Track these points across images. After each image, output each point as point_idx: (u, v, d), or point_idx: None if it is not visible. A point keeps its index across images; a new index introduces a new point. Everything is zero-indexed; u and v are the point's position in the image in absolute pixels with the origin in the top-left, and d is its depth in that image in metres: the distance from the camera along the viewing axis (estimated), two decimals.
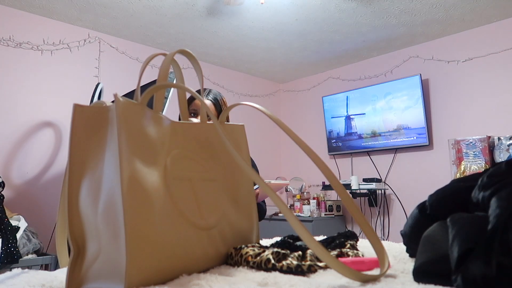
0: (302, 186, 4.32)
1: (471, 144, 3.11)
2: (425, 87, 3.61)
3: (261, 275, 0.59)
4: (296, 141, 0.67)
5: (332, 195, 4.21)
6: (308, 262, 0.62)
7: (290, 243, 0.72)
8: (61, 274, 0.60)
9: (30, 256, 2.47)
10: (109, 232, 0.51)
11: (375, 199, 3.86)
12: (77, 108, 0.56)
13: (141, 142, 0.57)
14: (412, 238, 0.70)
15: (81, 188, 0.55)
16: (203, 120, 0.74)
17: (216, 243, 0.65)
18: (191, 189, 0.64)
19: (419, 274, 0.53)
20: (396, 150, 3.81)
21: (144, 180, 0.54)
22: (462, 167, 3.14)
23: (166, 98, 2.51)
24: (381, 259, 0.60)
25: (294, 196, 4.23)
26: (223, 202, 0.69)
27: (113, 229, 0.51)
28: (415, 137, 3.61)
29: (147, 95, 0.62)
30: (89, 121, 0.56)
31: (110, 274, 0.51)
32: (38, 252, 2.53)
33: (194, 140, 0.70)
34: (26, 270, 0.63)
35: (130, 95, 2.75)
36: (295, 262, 0.61)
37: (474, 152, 3.09)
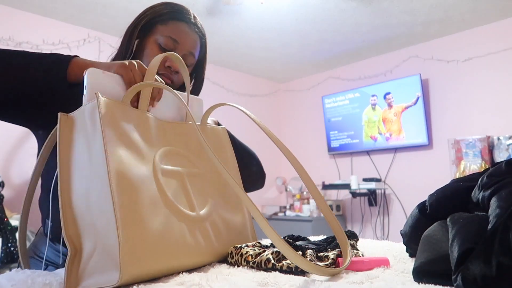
0: (301, 186, 4.32)
1: (471, 144, 3.11)
2: (425, 87, 3.61)
3: (261, 275, 0.59)
4: (274, 141, 0.71)
5: (332, 195, 4.21)
6: None
7: (290, 243, 0.72)
8: (61, 273, 0.60)
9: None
10: (103, 222, 0.54)
11: (375, 199, 3.86)
12: (62, 117, 0.60)
13: (124, 138, 0.59)
14: (412, 238, 0.70)
15: (72, 188, 0.58)
16: (188, 119, 0.77)
17: (209, 236, 0.67)
18: (180, 183, 0.67)
19: (419, 274, 0.53)
20: (396, 150, 3.81)
21: (130, 172, 0.57)
22: (462, 166, 3.14)
23: None
24: (344, 251, 0.64)
25: (293, 195, 4.23)
26: (213, 196, 0.72)
27: (106, 218, 0.53)
28: (414, 137, 3.61)
29: (129, 94, 0.64)
30: (73, 125, 0.60)
31: (106, 265, 0.52)
32: None
33: (183, 137, 0.72)
34: (26, 269, 0.63)
35: None
36: None
37: (473, 152, 3.09)
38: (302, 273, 0.60)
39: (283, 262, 0.61)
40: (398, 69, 3.86)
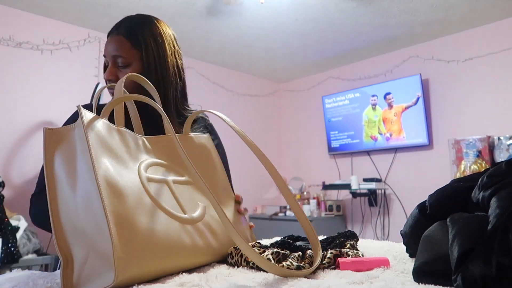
0: (302, 186, 4.32)
1: (471, 144, 3.11)
2: (425, 87, 3.61)
3: (261, 275, 0.59)
4: (252, 148, 0.75)
5: (332, 195, 4.21)
6: (308, 264, 0.62)
7: (289, 244, 0.72)
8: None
9: (30, 256, 2.47)
10: (93, 227, 0.54)
11: (375, 199, 3.86)
12: (47, 131, 0.62)
13: (108, 149, 0.61)
14: (412, 238, 0.70)
15: (59, 199, 0.58)
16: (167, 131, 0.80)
17: (204, 235, 0.67)
18: (169, 190, 0.68)
19: (419, 274, 0.53)
20: (396, 150, 3.81)
21: (118, 178, 0.58)
22: (462, 167, 3.14)
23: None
24: (314, 253, 0.64)
25: (294, 196, 4.23)
26: (203, 200, 0.73)
27: (97, 223, 0.54)
28: (415, 137, 3.61)
29: (107, 109, 0.67)
30: (58, 140, 0.62)
31: (101, 269, 0.53)
32: (38, 252, 2.53)
33: (165, 150, 0.75)
34: (26, 270, 0.63)
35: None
36: (295, 263, 0.61)
37: (474, 152, 3.09)
38: None
39: (283, 263, 0.61)
40: (398, 69, 3.86)
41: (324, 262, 0.64)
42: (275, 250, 0.66)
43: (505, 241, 0.42)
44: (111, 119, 0.67)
